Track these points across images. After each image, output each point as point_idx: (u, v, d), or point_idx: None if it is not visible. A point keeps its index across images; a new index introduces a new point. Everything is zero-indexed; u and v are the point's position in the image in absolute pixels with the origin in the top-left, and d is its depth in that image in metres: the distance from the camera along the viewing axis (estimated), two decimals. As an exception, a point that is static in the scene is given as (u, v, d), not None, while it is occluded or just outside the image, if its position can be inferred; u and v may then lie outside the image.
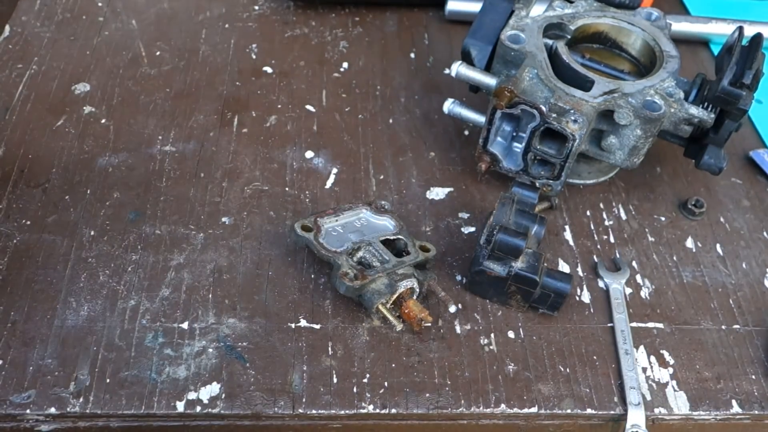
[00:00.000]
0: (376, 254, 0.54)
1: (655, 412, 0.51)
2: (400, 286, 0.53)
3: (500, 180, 0.64)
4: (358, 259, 0.54)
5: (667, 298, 0.58)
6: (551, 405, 0.51)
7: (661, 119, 0.57)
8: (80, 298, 0.54)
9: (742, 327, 0.57)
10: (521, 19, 0.63)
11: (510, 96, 0.56)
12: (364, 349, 0.53)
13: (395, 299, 0.53)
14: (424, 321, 0.52)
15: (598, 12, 0.65)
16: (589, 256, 0.61)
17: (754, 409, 0.52)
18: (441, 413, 0.50)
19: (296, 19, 0.82)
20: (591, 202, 0.65)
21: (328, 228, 0.56)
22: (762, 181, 0.69)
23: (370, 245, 0.55)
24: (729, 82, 0.56)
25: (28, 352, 0.51)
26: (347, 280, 0.52)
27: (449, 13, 0.82)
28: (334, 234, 0.56)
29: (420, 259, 0.55)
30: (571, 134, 0.56)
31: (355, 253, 0.54)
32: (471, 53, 0.62)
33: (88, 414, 0.48)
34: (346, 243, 0.55)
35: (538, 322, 0.56)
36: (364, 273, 0.52)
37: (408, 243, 0.56)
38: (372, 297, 0.52)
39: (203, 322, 0.53)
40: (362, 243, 0.55)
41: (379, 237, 0.56)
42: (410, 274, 0.53)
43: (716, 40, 0.83)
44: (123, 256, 0.57)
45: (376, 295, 0.52)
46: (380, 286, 0.52)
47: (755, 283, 0.60)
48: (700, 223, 0.64)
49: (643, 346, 0.55)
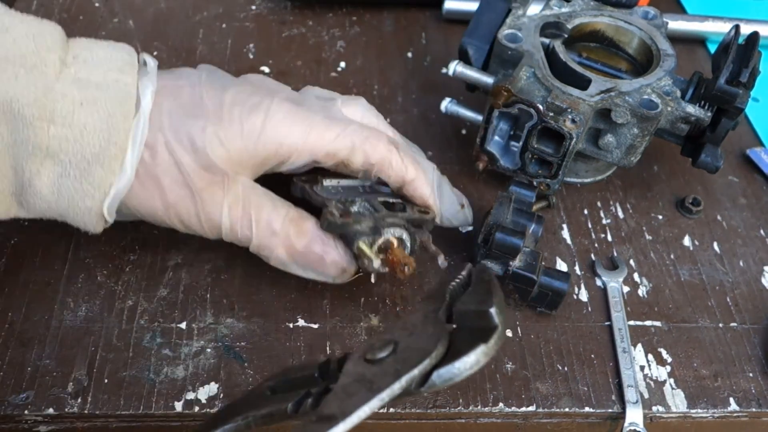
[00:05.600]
0: (370, 208, 0.52)
1: (653, 410, 0.52)
2: (386, 232, 0.51)
3: (498, 179, 0.64)
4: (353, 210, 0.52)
5: (665, 296, 0.58)
6: (549, 403, 0.51)
7: (658, 118, 0.57)
8: (78, 299, 0.54)
9: (739, 325, 0.57)
10: (518, 18, 0.63)
11: (507, 95, 0.56)
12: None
13: (381, 246, 0.50)
14: (408, 267, 0.49)
15: (595, 11, 0.65)
16: (587, 254, 0.61)
17: (751, 407, 0.52)
18: (439, 412, 0.50)
19: (293, 18, 0.82)
20: (588, 201, 0.65)
21: (327, 185, 0.54)
22: (759, 179, 0.69)
23: (367, 202, 0.52)
24: (725, 80, 0.56)
25: (26, 352, 0.51)
26: (329, 215, 0.50)
27: (446, 12, 0.82)
28: (332, 190, 0.54)
29: (415, 216, 0.53)
30: (568, 133, 0.56)
31: (349, 204, 0.52)
32: (468, 52, 0.62)
33: (86, 414, 0.48)
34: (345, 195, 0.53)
35: (536, 320, 0.56)
36: (350, 213, 0.51)
37: (407, 207, 0.54)
38: (355, 235, 0.50)
39: (201, 322, 0.53)
40: (359, 198, 0.53)
41: (378, 198, 0.54)
42: (400, 224, 0.51)
43: (713, 39, 0.83)
44: (121, 256, 0.57)
45: (359, 234, 0.50)
46: (365, 228, 0.50)
47: (752, 280, 0.60)
48: (697, 221, 0.64)
49: (640, 345, 0.55)
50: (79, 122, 0.45)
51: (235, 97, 0.49)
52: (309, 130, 0.50)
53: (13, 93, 0.44)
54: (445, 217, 0.57)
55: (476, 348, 0.35)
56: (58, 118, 0.45)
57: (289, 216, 0.50)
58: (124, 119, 0.46)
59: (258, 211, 0.50)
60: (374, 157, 0.52)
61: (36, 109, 0.44)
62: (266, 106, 0.50)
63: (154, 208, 0.49)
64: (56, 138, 0.45)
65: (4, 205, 0.47)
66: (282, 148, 0.50)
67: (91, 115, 0.45)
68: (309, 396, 0.38)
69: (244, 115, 0.49)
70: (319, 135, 0.50)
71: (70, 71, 0.46)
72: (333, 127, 0.51)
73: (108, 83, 0.46)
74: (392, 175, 0.53)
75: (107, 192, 0.47)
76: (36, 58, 0.44)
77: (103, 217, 0.48)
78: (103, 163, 0.46)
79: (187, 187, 0.48)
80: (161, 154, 0.48)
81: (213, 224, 0.50)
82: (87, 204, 0.47)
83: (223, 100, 0.49)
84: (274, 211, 0.50)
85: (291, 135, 0.50)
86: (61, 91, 0.45)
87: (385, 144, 0.52)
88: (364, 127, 0.52)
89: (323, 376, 0.40)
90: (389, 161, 0.52)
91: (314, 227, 0.51)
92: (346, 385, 0.36)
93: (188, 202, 0.49)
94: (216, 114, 0.49)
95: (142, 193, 0.48)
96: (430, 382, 0.36)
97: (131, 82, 0.47)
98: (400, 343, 0.37)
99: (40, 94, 0.44)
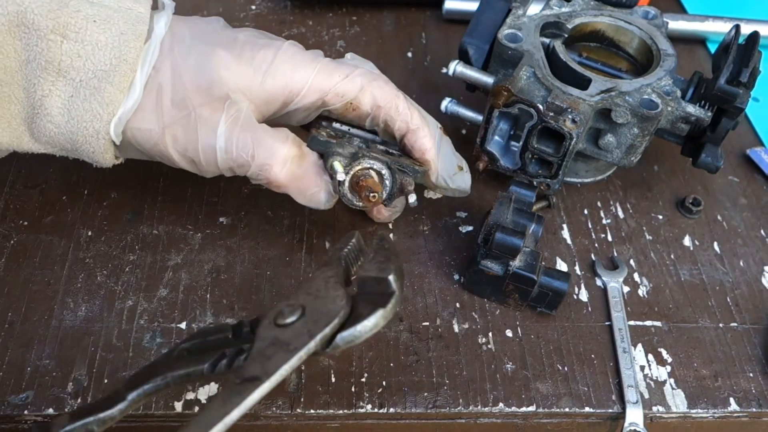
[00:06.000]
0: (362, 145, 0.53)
1: (653, 410, 0.51)
2: (364, 161, 0.52)
3: (498, 179, 0.64)
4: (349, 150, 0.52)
5: (665, 297, 0.58)
6: (549, 404, 0.51)
7: (658, 117, 0.57)
8: (78, 299, 0.54)
9: (739, 325, 0.57)
10: (518, 17, 0.63)
11: (507, 95, 0.56)
12: (362, 349, 0.53)
13: (358, 173, 0.52)
14: (375, 195, 0.51)
15: (595, 10, 0.65)
16: (587, 254, 0.61)
17: (751, 407, 0.52)
18: (439, 412, 0.50)
19: (293, 18, 0.82)
20: (589, 201, 0.65)
21: (336, 125, 0.55)
22: (759, 179, 0.69)
23: (366, 144, 0.54)
24: (726, 80, 0.56)
25: (26, 352, 0.51)
26: (314, 131, 0.51)
27: (446, 12, 0.82)
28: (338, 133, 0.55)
29: (405, 162, 0.53)
30: (568, 133, 0.56)
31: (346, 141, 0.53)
32: (468, 52, 0.62)
33: (86, 414, 0.48)
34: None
35: (536, 320, 0.56)
36: (336, 136, 0.52)
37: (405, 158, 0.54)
38: (333, 155, 0.51)
39: (201, 322, 0.53)
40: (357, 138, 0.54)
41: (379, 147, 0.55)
42: (383, 160, 0.52)
43: (713, 39, 0.83)
44: (120, 256, 0.57)
45: (337, 155, 0.51)
46: (345, 151, 0.51)
47: (752, 281, 0.60)
48: (697, 221, 0.64)
49: (641, 345, 0.55)
50: (91, 38, 0.46)
51: (248, 37, 0.51)
52: (318, 70, 0.51)
53: (28, 3, 0.45)
54: (441, 176, 0.56)
55: (376, 312, 0.40)
56: (71, 33, 0.46)
57: (290, 137, 0.51)
58: (135, 38, 0.47)
59: (260, 132, 0.50)
60: (382, 98, 0.53)
61: (50, 20, 0.45)
62: (277, 46, 0.51)
63: (150, 132, 0.49)
64: (68, 54, 0.46)
65: (15, 132, 0.48)
66: (290, 84, 0.51)
67: (104, 32, 0.47)
68: (224, 357, 0.41)
69: (256, 50, 0.50)
70: (327, 74, 0.52)
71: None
72: (342, 68, 0.52)
73: (121, 7, 0.48)
74: (397, 120, 0.53)
75: (115, 111, 0.48)
76: None
77: (111, 144, 0.49)
78: (113, 80, 0.47)
79: (185, 107, 0.49)
80: (164, 73, 0.48)
81: (209, 145, 0.49)
82: (95, 126, 0.48)
83: (237, 37, 0.51)
84: (276, 133, 0.51)
85: (300, 72, 0.51)
86: (75, 7, 0.46)
87: (393, 88, 0.54)
88: (371, 72, 0.54)
89: (237, 337, 0.42)
90: (396, 105, 0.53)
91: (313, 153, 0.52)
92: (262, 348, 0.39)
93: (185, 122, 0.49)
94: (228, 43, 0.50)
95: (147, 115, 0.49)
96: (334, 344, 0.40)
97: (144, 12, 0.48)
98: (308, 307, 0.41)
99: (54, 6, 0.45)
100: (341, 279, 0.43)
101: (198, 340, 0.43)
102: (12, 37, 0.45)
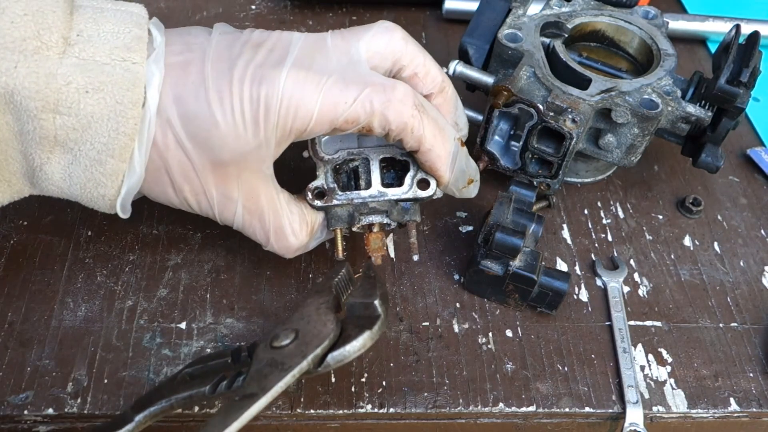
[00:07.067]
0: (366, 174, 0.52)
1: (653, 410, 0.51)
2: (364, 219, 0.52)
3: (498, 179, 0.64)
4: (347, 168, 0.52)
5: (665, 297, 0.58)
6: (549, 404, 0.51)
7: (659, 117, 0.57)
8: (78, 299, 0.54)
9: (739, 325, 0.57)
10: (518, 17, 0.63)
11: (507, 95, 0.56)
12: (362, 349, 0.53)
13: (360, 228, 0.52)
14: (376, 259, 0.52)
15: (595, 10, 0.65)
16: (587, 254, 0.61)
17: (752, 407, 0.52)
18: (439, 412, 0.50)
19: (293, 18, 0.82)
20: (589, 201, 0.65)
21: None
22: (759, 179, 0.69)
23: (368, 161, 0.52)
24: (726, 80, 0.56)
25: (26, 352, 0.51)
26: (309, 193, 0.51)
27: (446, 11, 0.82)
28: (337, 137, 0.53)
29: (408, 196, 0.52)
30: (568, 133, 0.56)
31: (346, 164, 0.52)
32: (468, 52, 0.62)
33: (85, 414, 0.48)
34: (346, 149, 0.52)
35: (536, 320, 0.56)
36: (332, 194, 0.51)
37: (412, 171, 0.52)
38: (332, 219, 0.52)
39: (201, 322, 0.53)
40: (360, 155, 0.52)
41: (384, 154, 0.53)
42: (382, 210, 0.51)
43: (713, 38, 0.83)
44: (120, 256, 0.57)
45: (335, 218, 0.52)
46: (343, 213, 0.51)
47: (753, 281, 0.60)
48: (697, 221, 0.64)
49: (641, 345, 0.55)
50: (85, 112, 0.44)
51: (243, 73, 0.46)
52: (322, 99, 0.46)
53: (14, 84, 0.42)
54: (451, 188, 0.54)
55: (363, 333, 0.43)
56: (63, 108, 0.43)
57: (300, 218, 0.51)
58: (132, 106, 0.45)
59: (273, 217, 0.50)
60: (395, 122, 0.48)
61: (39, 101, 0.43)
62: (273, 78, 0.46)
63: (168, 197, 0.49)
64: (63, 128, 0.44)
65: (17, 186, 0.47)
66: (296, 122, 0.47)
67: (98, 103, 0.44)
68: (224, 379, 0.44)
69: (254, 95, 0.46)
70: (333, 103, 0.47)
71: (74, 51, 0.43)
72: (349, 90, 0.47)
73: (114, 64, 0.44)
74: (410, 141, 0.50)
75: (119, 181, 0.47)
76: (37, 42, 0.42)
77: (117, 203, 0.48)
78: (113, 153, 0.45)
79: (199, 183, 0.48)
80: (172, 151, 0.46)
81: (226, 219, 0.51)
82: (100, 192, 0.47)
83: (232, 78, 0.46)
84: (289, 217, 0.51)
85: (304, 107, 0.46)
86: (65, 78, 0.43)
87: (409, 108, 0.48)
88: (384, 86, 0.48)
89: (235, 361, 0.45)
90: (410, 128, 0.49)
91: (321, 223, 0.52)
92: (259, 369, 0.43)
93: (202, 198, 0.49)
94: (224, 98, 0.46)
95: (156, 187, 0.48)
96: (325, 363, 0.43)
97: (139, 61, 0.45)
98: (301, 330, 0.44)
99: (43, 84, 0.43)
100: (332, 306, 0.46)
101: (199, 365, 0.46)
102: (2, 112, 0.43)
